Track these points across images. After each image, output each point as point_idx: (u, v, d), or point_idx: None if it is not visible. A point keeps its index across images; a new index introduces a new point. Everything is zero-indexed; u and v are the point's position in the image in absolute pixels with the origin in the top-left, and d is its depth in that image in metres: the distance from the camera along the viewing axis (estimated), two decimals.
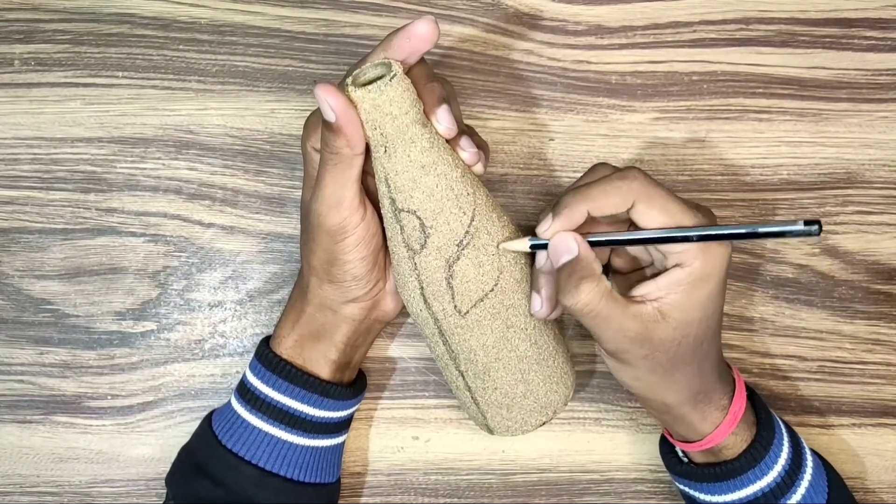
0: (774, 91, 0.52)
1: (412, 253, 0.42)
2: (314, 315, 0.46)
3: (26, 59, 0.51)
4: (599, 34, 0.52)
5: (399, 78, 0.39)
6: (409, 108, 0.40)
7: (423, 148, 0.40)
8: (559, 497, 0.52)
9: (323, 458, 0.47)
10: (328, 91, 0.38)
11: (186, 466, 0.47)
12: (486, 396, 0.45)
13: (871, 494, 0.52)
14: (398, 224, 0.42)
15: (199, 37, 0.51)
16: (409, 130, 0.40)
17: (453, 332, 0.43)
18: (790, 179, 0.52)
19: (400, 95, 0.39)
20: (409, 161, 0.40)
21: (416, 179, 0.41)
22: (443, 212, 0.41)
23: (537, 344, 0.45)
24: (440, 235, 0.41)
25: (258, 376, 0.46)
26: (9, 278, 0.51)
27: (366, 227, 0.43)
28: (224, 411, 0.47)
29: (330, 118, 0.39)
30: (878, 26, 0.52)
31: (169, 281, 0.52)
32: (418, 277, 0.43)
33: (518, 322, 0.44)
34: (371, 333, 0.48)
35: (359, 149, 0.40)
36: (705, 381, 0.43)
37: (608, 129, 0.52)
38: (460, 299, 0.42)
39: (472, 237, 0.42)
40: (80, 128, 0.51)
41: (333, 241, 0.42)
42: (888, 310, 0.52)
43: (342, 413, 0.47)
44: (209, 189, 0.52)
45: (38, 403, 0.52)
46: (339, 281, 0.44)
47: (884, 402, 0.52)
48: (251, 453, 0.45)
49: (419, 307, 0.44)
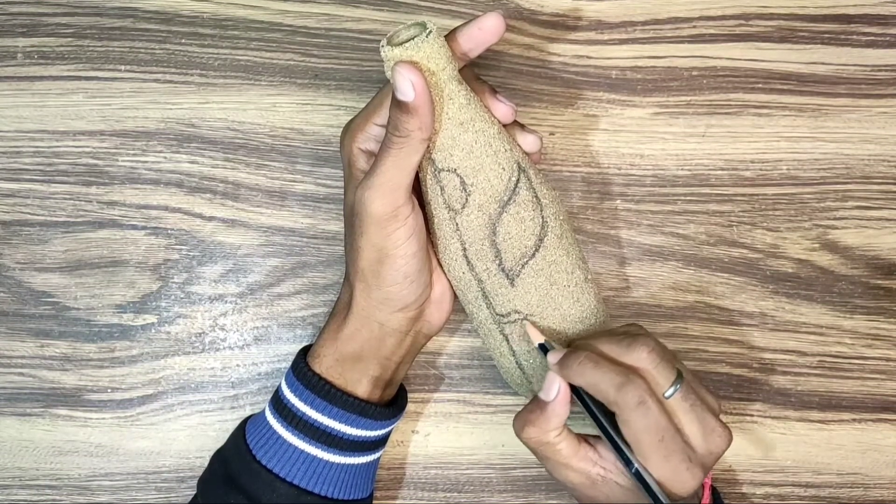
0: (774, 86, 0.52)
1: (453, 213, 0.42)
2: (358, 331, 0.44)
3: (29, 52, 0.51)
4: (600, 29, 0.52)
5: (435, 35, 0.39)
6: (445, 65, 0.40)
7: (460, 104, 0.40)
8: (559, 492, 0.52)
9: (359, 474, 0.46)
10: (411, 70, 0.38)
11: (220, 477, 0.46)
12: (531, 360, 0.45)
13: (871, 490, 0.52)
14: (438, 185, 0.42)
15: (202, 31, 0.52)
16: (446, 87, 0.40)
17: (497, 292, 0.43)
18: (790, 174, 0.52)
19: (436, 52, 0.39)
20: (447, 118, 0.40)
21: (455, 137, 0.41)
22: (483, 169, 0.41)
23: (580, 302, 0.44)
24: (481, 193, 0.41)
25: (295, 393, 0.45)
26: (10, 271, 0.52)
27: (416, 219, 0.42)
28: (259, 423, 0.46)
29: (409, 97, 0.39)
30: (877, 22, 0.52)
31: (170, 274, 0.52)
32: (460, 238, 0.42)
33: (561, 279, 0.43)
34: (414, 349, 0.47)
35: (428, 132, 0.40)
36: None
37: (608, 123, 0.52)
38: (506, 257, 0.42)
39: (514, 194, 0.42)
40: (82, 121, 0.51)
41: (384, 232, 0.41)
42: (888, 305, 0.52)
43: (380, 431, 0.46)
44: (210, 182, 0.52)
45: (39, 396, 0.52)
46: (389, 284, 0.43)
47: (884, 398, 0.52)
48: (286, 471, 0.44)
49: (462, 270, 0.43)
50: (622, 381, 0.39)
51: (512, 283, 0.43)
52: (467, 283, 0.44)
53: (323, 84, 0.52)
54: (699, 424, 0.40)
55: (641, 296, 0.52)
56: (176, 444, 0.52)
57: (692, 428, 0.40)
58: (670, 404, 0.40)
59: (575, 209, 0.52)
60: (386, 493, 0.52)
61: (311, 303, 0.52)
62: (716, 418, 0.41)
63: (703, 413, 0.40)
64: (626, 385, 0.39)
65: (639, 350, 0.40)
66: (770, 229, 0.52)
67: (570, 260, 0.44)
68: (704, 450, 0.40)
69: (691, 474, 0.40)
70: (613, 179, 0.52)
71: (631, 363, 0.40)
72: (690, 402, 0.40)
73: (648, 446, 0.39)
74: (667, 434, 0.39)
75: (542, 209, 0.43)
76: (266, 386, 0.52)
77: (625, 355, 0.40)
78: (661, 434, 0.39)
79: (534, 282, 0.43)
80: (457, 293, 0.46)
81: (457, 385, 0.52)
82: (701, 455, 0.40)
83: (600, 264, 0.52)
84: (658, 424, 0.39)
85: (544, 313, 0.44)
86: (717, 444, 0.40)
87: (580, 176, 0.52)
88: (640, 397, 0.39)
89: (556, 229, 0.43)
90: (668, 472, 0.39)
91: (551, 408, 0.41)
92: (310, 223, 0.52)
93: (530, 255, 0.43)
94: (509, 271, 0.43)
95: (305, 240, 0.52)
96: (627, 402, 0.39)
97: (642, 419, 0.39)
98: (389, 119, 0.40)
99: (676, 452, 0.39)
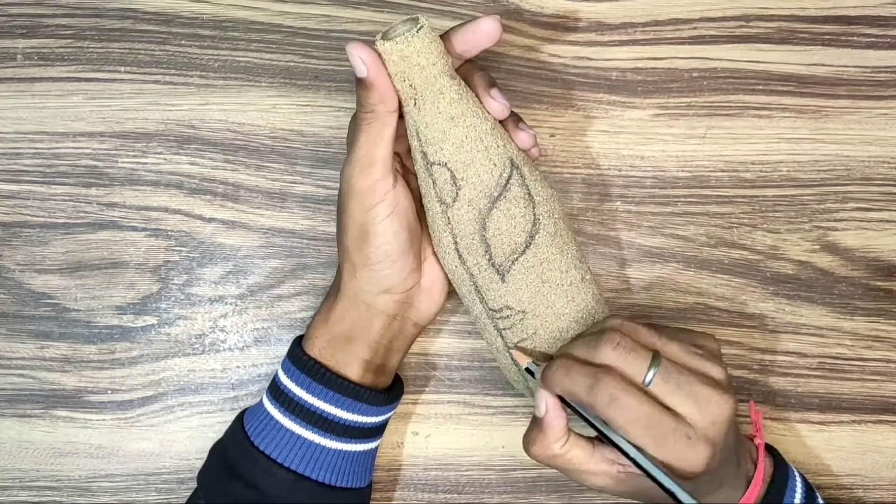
0: (774, 88, 0.52)
1: (445, 207, 0.42)
2: (347, 311, 0.45)
3: (29, 53, 0.51)
4: (600, 31, 0.52)
5: (426, 29, 0.39)
6: (436, 60, 0.40)
7: (451, 99, 0.41)
8: (559, 493, 0.52)
9: (356, 462, 0.46)
10: (360, 47, 0.40)
11: (218, 466, 0.46)
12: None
13: (871, 491, 0.52)
14: (430, 178, 0.42)
15: (202, 32, 0.52)
16: (437, 81, 0.40)
17: (489, 287, 0.43)
18: (790, 176, 0.52)
19: (427, 46, 0.40)
20: (437, 112, 0.41)
21: (446, 131, 0.41)
22: (473, 164, 0.41)
23: (575, 301, 0.44)
24: (471, 187, 0.42)
25: (291, 377, 0.45)
26: (10, 272, 0.51)
27: (396, 197, 0.43)
28: (256, 411, 0.47)
29: (362, 72, 0.40)
30: (877, 23, 0.52)
31: (170, 275, 0.52)
32: (451, 231, 0.43)
33: (554, 277, 0.43)
34: (405, 336, 0.47)
35: (392, 105, 0.41)
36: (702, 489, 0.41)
37: (608, 125, 0.52)
38: (495, 252, 0.43)
39: (505, 190, 0.42)
40: (82, 122, 0.51)
41: (363, 208, 0.42)
42: (888, 306, 0.52)
43: (376, 419, 0.46)
44: (210, 184, 0.52)
45: (39, 397, 0.52)
46: (372, 262, 0.43)
47: (884, 399, 0.52)
48: (284, 456, 0.44)
49: (454, 263, 0.44)
50: (591, 383, 0.39)
51: (503, 278, 0.43)
52: (461, 277, 0.44)
53: (323, 85, 0.52)
54: (691, 400, 0.39)
55: (642, 297, 0.52)
56: (176, 446, 0.52)
57: (685, 407, 0.39)
58: (654, 390, 0.39)
59: (575, 211, 0.52)
60: (386, 495, 0.52)
61: (311, 304, 0.52)
62: (709, 387, 0.39)
63: (693, 387, 0.39)
64: (594, 386, 0.39)
65: (604, 348, 0.39)
66: (770, 231, 0.52)
67: (564, 258, 0.44)
68: (704, 423, 0.39)
69: (695, 451, 0.38)
70: (613, 181, 0.52)
71: (601, 362, 0.40)
72: (674, 381, 0.39)
73: (638, 438, 0.38)
74: (652, 420, 0.38)
75: (535, 206, 0.43)
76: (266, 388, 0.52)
77: (594, 356, 0.40)
78: (646, 422, 0.38)
79: (525, 278, 0.43)
80: (454, 286, 0.46)
81: (457, 387, 0.52)
82: (702, 429, 0.39)
83: (600, 266, 0.52)
84: (637, 414, 0.38)
85: (537, 311, 0.44)
86: (716, 413, 0.39)
87: (580, 177, 0.52)
88: (609, 395, 0.38)
89: (549, 227, 0.43)
90: (670, 456, 0.38)
91: (546, 423, 0.41)
92: (310, 225, 0.52)
93: (520, 252, 0.43)
94: (499, 267, 0.43)
95: (305, 241, 0.52)
96: (600, 402, 0.38)
97: (619, 414, 0.38)
98: (357, 99, 0.41)
99: (670, 434, 0.38)
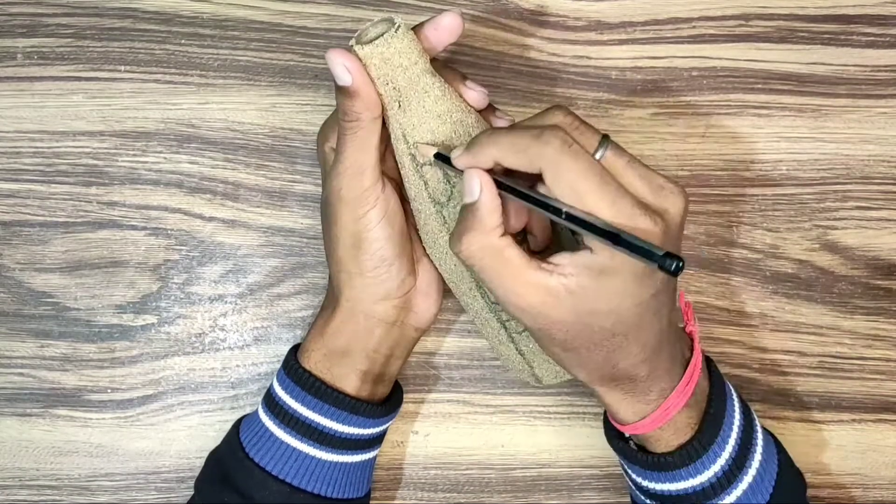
0: (774, 87, 0.52)
1: (440, 207, 0.42)
2: (345, 324, 0.44)
3: (29, 52, 0.51)
4: (599, 30, 0.52)
5: (404, 29, 0.39)
6: (417, 59, 0.40)
7: (436, 97, 0.41)
8: (559, 492, 0.52)
9: (352, 473, 0.46)
10: (341, 54, 0.39)
11: (214, 475, 0.46)
12: (530, 345, 0.45)
13: (871, 490, 0.52)
14: (422, 180, 0.42)
15: (202, 31, 0.52)
16: (420, 80, 0.40)
17: None
18: (790, 175, 0.52)
19: (407, 46, 0.39)
20: (424, 112, 0.41)
21: (435, 130, 0.41)
22: None
23: None
24: None
25: (286, 390, 0.45)
26: (10, 271, 0.52)
27: (386, 201, 0.42)
28: (252, 421, 0.46)
29: (346, 81, 0.39)
30: (877, 23, 0.52)
31: (170, 274, 0.52)
32: (449, 230, 0.43)
33: None
34: (405, 342, 0.47)
35: (376, 111, 0.41)
36: (619, 371, 0.39)
37: (608, 123, 0.52)
38: None
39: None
40: (82, 121, 0.51)
41: (356, 216, 0.42)
42: (888, 305, 0.52)
43: (373, 430, 0.46)
44: (210, 183, 0.52)
45: (39, 396, 0.52)
46: (369, 270, 0.43)
47: (883, 398, 0.52)
48: (279, 468, 0.44)
49: (453, 262, 0.44)
50: (538, 132, 0.35)
51: None
52: (459, 276, 0.44)
53: (323, 84, 0.52)
54: (644, 181, 0.36)
55: None
56: (176, 445, 0.52)
57: (636, 185, 0.35)
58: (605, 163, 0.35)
59: None
60: (385, 494, 0.52)
61: (310, 303, 0.52)
62: (663, 177, 0.36)
63: (646, 171, 0.36)
64: (543, 133, 0.35)
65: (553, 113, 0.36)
66: (770, 230, 0.52)
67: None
68: (657, 206, 0.35)
69: (650, 219, 0.34)
70: None
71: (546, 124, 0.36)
72: (626, 158, 0.36)
73: (590, 193, 0.34)
74: (605, 176, 0.34)
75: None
76: (265, 386, 0.52)
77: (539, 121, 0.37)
78: (599, 176, 0.34)
79: None
80: (450, 286, 0.46)
81: (456, 385, 0.52)
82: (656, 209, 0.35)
83: None
84: (592, 166, 0.34)
85: None
86: (670, 200, 0.36)
87: None
88: (562, 138, 0.34)
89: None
90: (622, 218, 0.34)
91: (480, 205, 0.37)
92: (310, 223, 0.52)
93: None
94: None
95: (305, 240, 0.52)
96: (552, 147, 0.34)
97: (573, 162, 0.34)
98: (338, 107, 0.41)
99: (624, 196, 0.34)
